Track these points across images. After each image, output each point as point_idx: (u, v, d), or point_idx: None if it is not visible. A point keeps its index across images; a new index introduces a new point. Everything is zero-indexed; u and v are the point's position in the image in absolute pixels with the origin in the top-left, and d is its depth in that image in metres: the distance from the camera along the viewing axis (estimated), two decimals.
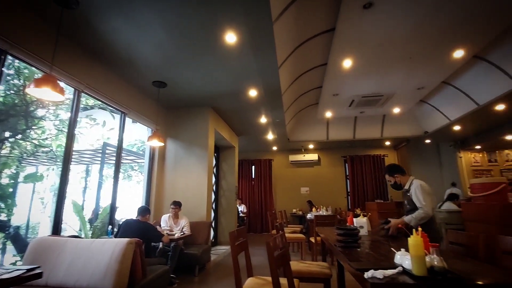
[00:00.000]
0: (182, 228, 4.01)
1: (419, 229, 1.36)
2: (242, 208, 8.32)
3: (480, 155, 8.03)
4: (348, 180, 8.80)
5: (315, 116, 6.88)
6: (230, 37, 2.92)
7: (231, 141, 6.63)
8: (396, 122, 7.01)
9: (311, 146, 8.61)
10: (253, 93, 4.46)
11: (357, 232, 2.12)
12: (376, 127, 7.18)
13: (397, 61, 4.17)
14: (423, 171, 8.24)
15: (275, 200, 9.05)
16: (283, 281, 2.03)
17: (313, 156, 8.84)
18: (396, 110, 6.20)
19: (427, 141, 7.76)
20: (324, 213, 5.80)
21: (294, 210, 8.57)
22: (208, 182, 4.92)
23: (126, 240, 2.25)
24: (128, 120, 4.28)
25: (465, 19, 3.25)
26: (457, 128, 6.44)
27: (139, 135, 7.01)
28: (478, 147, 7.77)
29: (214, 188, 6.75)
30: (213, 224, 6.58)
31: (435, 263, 1.26)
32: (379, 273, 1.28)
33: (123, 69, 3.65)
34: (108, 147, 5.30)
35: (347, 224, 2.90)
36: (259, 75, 3.82)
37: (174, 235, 3.65)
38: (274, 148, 8.86)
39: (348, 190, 8.77)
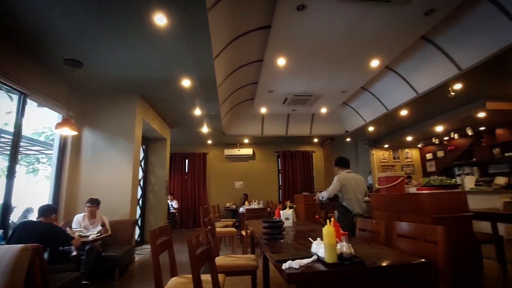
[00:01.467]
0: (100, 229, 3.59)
1: (332, 219, 1.47)
2: (173, 203, 7.96)
3: (387, 153, 9.40)
4: (280, 174, 9.25)
5: (251, 111, 6.98)
6: (160, 19, 2.69)
7: (162, 133, 6.24)
8: (323, 121, 7.64)
9: (246, 141, 8.74)
10: (186, 83, 4.25)
11: (281, 224, 2.21)
12: (306, 124, 7.70)
13: (325, 64, 4.50)
14: None
15: (209, 194, 8.94)
16: (208, 277, 1.99)
17: (248, 151, 9.00)
18: (323, 110, 6.74)
19: (348, 139, 8.70)
20: (256, 207, 5.97)
21: (228, 204, 8.61)
22: (133, 176, 4.52)
23: (19, 246, 1.88)
24: (33, 104, 3.61)
25: (381, 32, 3.68)
26: (371, 129, 7.38)
27: (49, 122, 5.99)
28: (386, 146, 9.07)
29: (141, 183, 6.26)
30: (139, 222, 6.12)
31: (344, 250, 1.38)
32: (296, 263, 1.34)
33: (25, 41, 3.03)
34: (3, 135, 4.37)
35: (275, 216, 3.02)
36: (193, 64, 3.64)
37: (88, 236, 3.23)
38: (209, 141, 8.71)
39: (280, 184, 9.23)
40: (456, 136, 7.64)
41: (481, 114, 5.76)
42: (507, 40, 3.42)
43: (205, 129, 6.90)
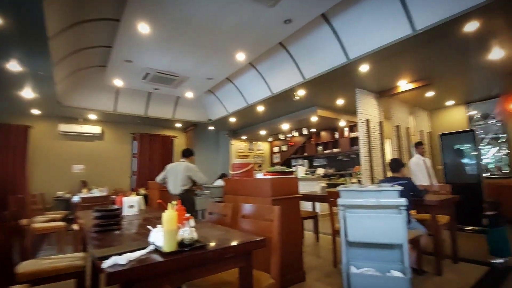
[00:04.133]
0: None
1: (174, 202, 1.29)
2: None
3: (245, 144, 10.32)
4: (135, 159, 8.28)
5: (101, 81, 5.80)
6: None
7: None
8: (188, 106, 7.41)
9: (93, 117, 7.25)
10: None
11: (118, 212, 1.84)
12: (169, 107, 7.22)
13: (193, 45, 4.27)
14: (206, 154, 9.39)
15: (32, 180, 6.84)
16: None
17: (95, 129, 7.51)
18: (189, 95, 6.51)
19: (211, 128, 8.88)
20: (98, 194, 5.03)
21: (60, 192, 6.88)
22: None
23: None
24: None
25: (247, 28, 3.83)
26: (232, 120, 7.81)
27: None
28: (244, 137, 9.91)
29: None
30: None
31: (186, 235, 1.24)
32: (124, 258, 1.08)
33: None
34: None
35: (115, 204, 2.55)
36: None
37: None
38: (35, 111, 6.61)
39: (134, 169, 8.28)
40: (296, 134, 9.33)
41: (314, 118, 7.23)
42: (336, 61, 4.36)
43: (28, 94, 5.14)
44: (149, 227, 1.44)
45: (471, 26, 3.33)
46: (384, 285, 1.78)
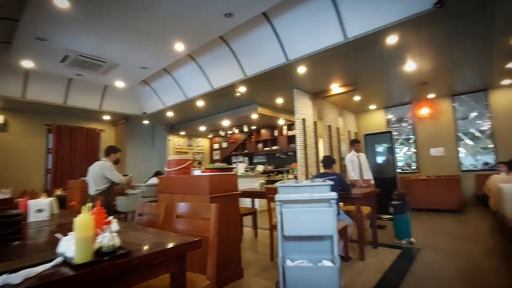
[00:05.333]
0: None
1: (90, 204, 1.10)
2: None
3: (183, 140, 9.89)
4: (50, 155, 7.13)
5: (5, 61, 4.80)
6: None
7: None
8: (118, 97, 6.71)
9: None
10: None
11: (19, 219, 1.51)
12: (95, 97, 6.41)
13: (125, 28, 3.84)
14: (139, 150, 8.67)
15: None
16: None
17: None
18: (120, 84, 5.89)
19: (145, 122, 8.23)
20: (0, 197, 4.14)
21: None
22: None
23: None
24: None
25: (186, 16, 3.61)
26: (170, 114, 7.37)
27: None
28: (182, 133, 9.48)
29: None
30: None
31: (106, 242, 1.07)
32: (18, 276, 0.86)
33: None
34: None
35: (18, 209, 2.11)
36: None
37: None
38: None
39: (49, 167, 7.13)
40: (236, 131, 9.34)
41: (254, 116, 7.32)
42: (276, 61, 4.46)
43: None
44: (58, 235, 1.20)
45: (392, 39, 3.78)
46: (316, 275, 1.87)
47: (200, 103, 6.48)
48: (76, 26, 3.75)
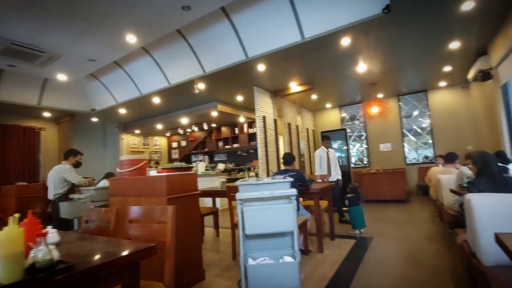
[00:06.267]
0: None
1: (16, 214, 0.95)
2: None
3: (138, 139, 9.33)
4: None
5: None
6: None
7: None
8: (62, 91, 6.06)
9: None
10: None
11: None
12: (32, 91, 5.70)
13: (67, 14, 3.45)
14: (88, 150, 7.89)
15: None
16: None
17: None
18: (62, 77, 5.30)
19: (94, 119, 7.57)
20: None
21: None
22: None
23: None
24: None
25: (139, 6, 3.37)
26: (123, 111, 6.89)
27: None
28: (137, 131, 8.94)
29: None
30: None
31: (40, 257, 0.93)
32: None
33: None
34: None
35: None
36: None
37: None
38: None
39: None
40: (196, 129, 9.09)
41: (214, 113, 7.18)
42: (236, 58, 4.40)
43: None
44: None
45: (345, 41, 3.97)
46: (277, 272, 1.88)
47: (156, 100, 6.16)
48: (7, 10, 3.27)
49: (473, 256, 1.74)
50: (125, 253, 1.18)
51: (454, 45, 4.46)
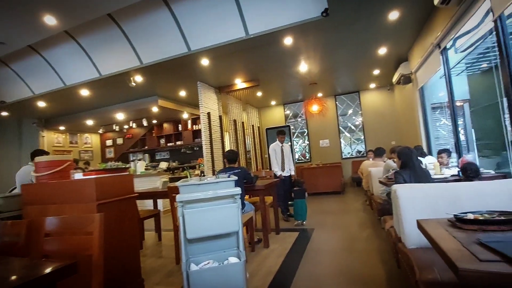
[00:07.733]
0: None
1: None
2: None
3: (63, 136, 8.19)
4: None
5: None
6: None
7: None
8: None
9: None
10: None
11: None
12: None
13: None
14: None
15: None
16: None
17: None
18: None
19: (4, 113, 6.38)
20: None
21: None
22: None
23: None
24: None
25: None
26: (42, 104, 5.95)
27: None
28: (62, 128, 7.85)
29: None
30: None
31: None
32: None
33: None
34: None
35: None
36: None
37: None
38: None
39: None
40: (134, 125, 8.39)
41: (155, 109, 6.72)
42: (177, 50, 4.15)
43: None
44: None
45: (288, 41, 4.07)
46: (222, 275, 1.82)
47: (85, 92, 5.48)
48: None
49: (398, 240, 1.94)
50: (32, 276, 0.97)
51: (382, 50, 4.96)
